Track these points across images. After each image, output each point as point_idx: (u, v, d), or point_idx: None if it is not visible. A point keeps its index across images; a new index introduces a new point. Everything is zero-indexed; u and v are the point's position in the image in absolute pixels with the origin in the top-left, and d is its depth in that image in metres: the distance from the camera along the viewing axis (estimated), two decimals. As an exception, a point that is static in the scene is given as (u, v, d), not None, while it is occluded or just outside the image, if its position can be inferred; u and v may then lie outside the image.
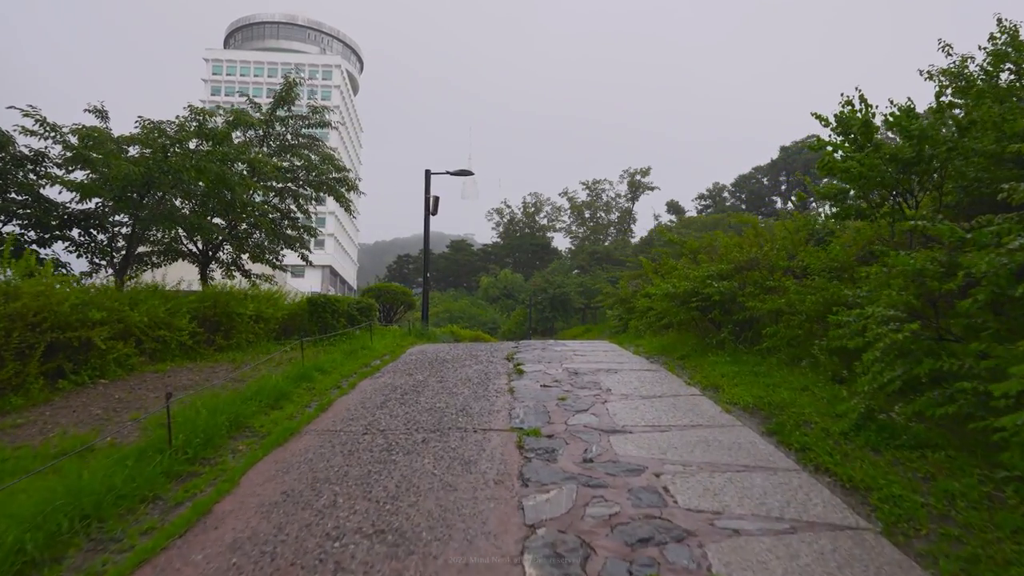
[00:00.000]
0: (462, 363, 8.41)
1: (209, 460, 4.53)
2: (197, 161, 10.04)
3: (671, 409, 5.43)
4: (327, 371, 7.74)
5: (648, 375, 7.06)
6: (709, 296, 7.82)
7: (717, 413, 5.30)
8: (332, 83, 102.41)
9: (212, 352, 10.33)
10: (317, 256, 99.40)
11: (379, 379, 7.30)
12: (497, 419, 5.27)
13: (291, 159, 14.43)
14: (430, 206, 16.27)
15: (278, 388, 6.28)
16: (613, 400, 5.80)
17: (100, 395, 6.80)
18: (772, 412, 5.18)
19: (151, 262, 13.97)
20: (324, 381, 7.14)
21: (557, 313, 52.91)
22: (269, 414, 5.70)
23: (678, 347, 8.88)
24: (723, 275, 8.20)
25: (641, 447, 4.42)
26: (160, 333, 8.80)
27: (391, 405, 5.84)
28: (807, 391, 5.63)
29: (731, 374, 6.54)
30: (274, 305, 12.59)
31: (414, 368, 8.06)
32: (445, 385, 6.76)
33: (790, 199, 76.77)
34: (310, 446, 4.64)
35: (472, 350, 10.27)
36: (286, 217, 15.39)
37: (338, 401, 6.13)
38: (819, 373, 6.03)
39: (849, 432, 4.40)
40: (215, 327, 10.63)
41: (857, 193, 9.08)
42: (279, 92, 13.65)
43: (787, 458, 4.18)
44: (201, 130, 10.50)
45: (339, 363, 8.48)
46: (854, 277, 6.48)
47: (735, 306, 8.01)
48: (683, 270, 8.68)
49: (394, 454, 4.38)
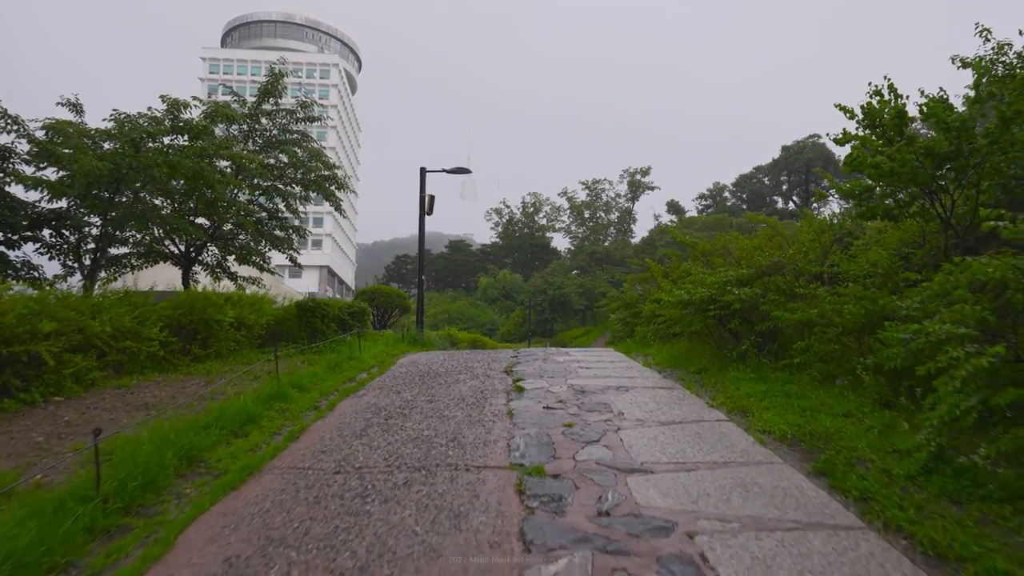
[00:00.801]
0: (456, 378, 7.66)
1: (147, 509, 3.77)
2: (170, 156, 9.29)
3: (696, 440, 4.67)
4: (306, 388, 6.98)
5: (664, 394, 6.31)
6: (729, 304, 7.07)
7: (750, 445, 4.55)
8: (330, 82, 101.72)
9: (187, 363, 9.57)
10: (315, 256, 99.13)
11: (363, 398, 6.53)
12: (494, 452, 4.52)
13: (278, 156, 13.66)
14: (425, 205, 15.51)
15: (245, 411, 5.52)
16: (627, 427, 5.05)
17: (48, 417, 6.04)
18: (815, 445, 4.43)
19: (131, 264, 13.23)
20: (300, 401, 6.38)
21: (557, 314, 52.18)
22: (231, 444, 4.94)
23: (693, 359, 8.13)
24: (743, 280, 7.46)
25: (667, 493, 3.67)
26: (126, 344, 8.04)
27: (372, 433, 5.08)
28: (851, 418, 4.88)
29: (758, 394, 5.79)
30: (257, 311, 11.82)
31: (403, 384, 7.30)
32: (436, 407, 6.00)
33: (792, 199, 76.09)
34: (270, 490, 3.88)
35: (468, 361, 9.52)
36: (274, 217, 14.63)
37: (313, 427, 5.37)
38: (862, 395, 5.28)
39: (917, 476, 3.66)
40: (191, 335, 9.87)
41: (883, 191, 8.36)
42: (263, 84, 12.87)
43: (846, 510, 3.43)
44: (175, 123, 9.71)
45: (321, 378, 7.72)
46: (898, 285, 5.73)
47: (757, 315, 7.27)
48: (698, 275, 7.93)
49: (369, 502, 3.62)
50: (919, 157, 7.43)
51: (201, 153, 10.28)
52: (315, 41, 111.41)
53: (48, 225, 10.91)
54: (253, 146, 13.61)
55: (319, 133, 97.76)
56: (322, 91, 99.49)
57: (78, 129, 10.43)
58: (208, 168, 10.63)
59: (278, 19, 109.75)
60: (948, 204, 7.74)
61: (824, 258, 7.23)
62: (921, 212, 8.29)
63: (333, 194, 13.95)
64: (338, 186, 13.86)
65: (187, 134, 9.92)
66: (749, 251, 7.93)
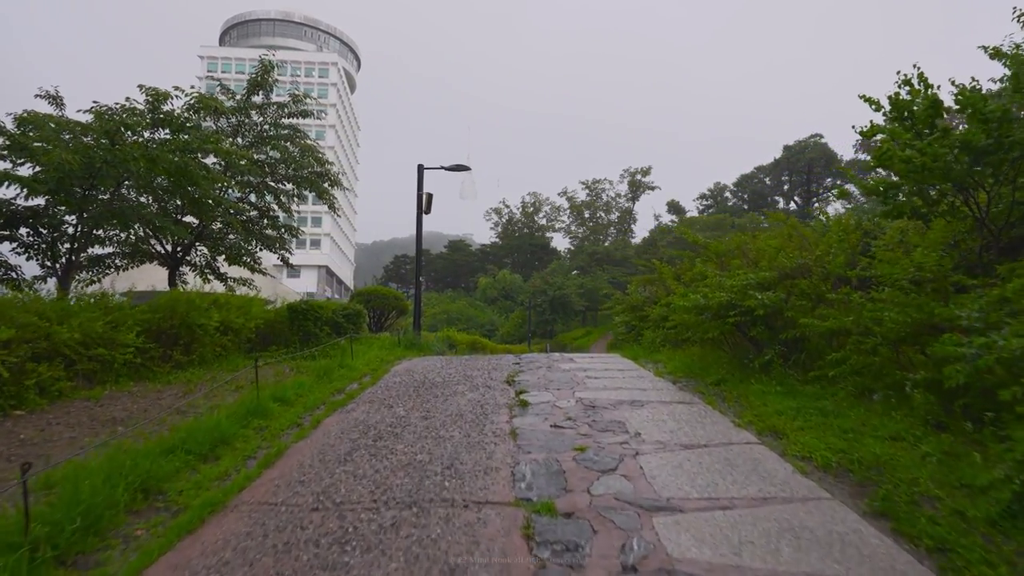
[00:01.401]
0: (454, 389, 7.07)
1: (86, 558, 3.18)
2: (149, 150, 8.69)
3: (727, 468, 4.09)
4: (289, 402, 6.39)
5: (683, 411, 5.72)
6: (751, 310, 6.49)
7: (790, 475, 3.96)
8: (329, 81, 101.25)
9: (168, 370, 8.98)
10: (313, 256, 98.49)
11: (351, 413, 5.94)
12: (496, 482, 3.94)
13: (269, 152, 13.07)
14: (422, 204, 14.92)
15: (218, 430, 4.94)
16: (647, 451, 4.47)
17: (2, 435, 5.45)
18: (866, 476, 3.85)
19: (114, 264, 12.65)
20: (282, 417, 5.79)
21: (557, 315, 51.59)
22: (198, 471, 4.35)
23: (709, 368, 7.55)
24: (764, 284, 6.88)
25: (702, 540, 3.09)
26: (98, 352, 7.45)
27: (358, 457, 4.50)
28: (901, 442, 4.30)
29: (790, 412, 5.21)
30: (246, 314, 11.22)
31: (396, 397, 6.70)
32: (431, 424, 5.41)
33: (793, 199, 75.50)
34: (233, 534, 3.30)
35: (467, 368, 8.93)
36: (265, 216, 14.05)
37: (292, 450, 4.78)
38: (909, 415, 4.70)
39: (1000, 520, 3.08)
40: (172, 341, 9.28)
41: (911, 188, 7.81)
42: (253, 76, 12.28)
43: (920, 564, 2.85)
44: (155, 115, 9.12)
45: (308, 388, 7.13)
46: (947, 291, 5.15)
47: (781, 322, 6.69)
48: (715, 278, 7.34)
49: (348, 552, 3.04)
50: (953, 151, 6.88)
51: (184, 147, 9.70)
52: (314, 40, 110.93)
53: (25, 223, 10.33)
54: (243, 141, 13.03)
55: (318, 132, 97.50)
56: (321, 90, 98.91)
57: (59, 122, 9.85)
58: (192, 164, 10.06)
59: (277, 17, 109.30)
60: (984, 202, 7.19)
61: (854, 260, 6.65)
62: (951, 210, 7.73)
63: (327, 192, 13.37)
64: (331, 183, 13.27)
65: (169, 127, 9.32)
66: (769, 252, 7.34)
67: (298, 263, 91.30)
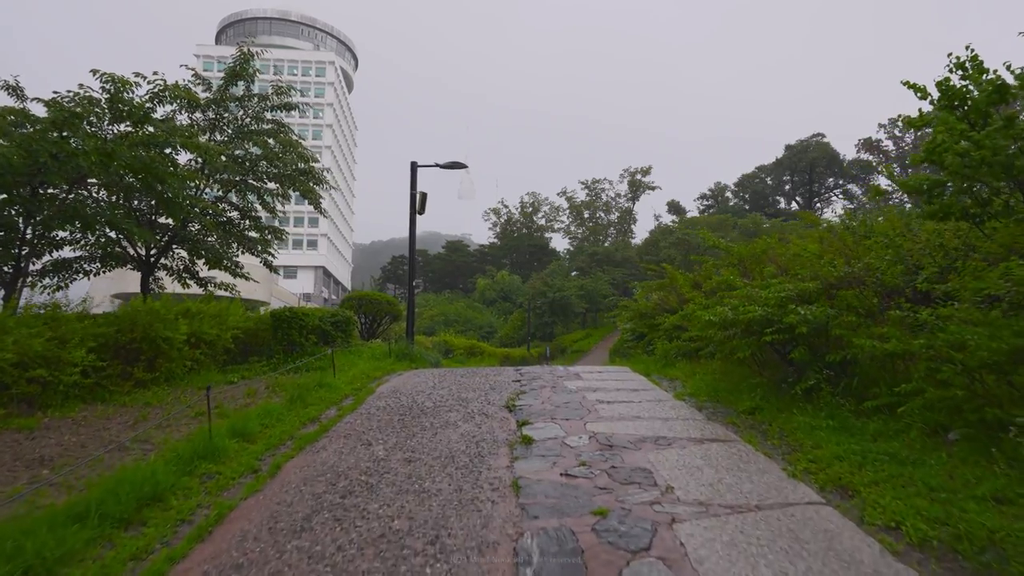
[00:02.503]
0: (445, 418, 6.11)
1: None
2: (103, 144, 7.73)
3: (794, 546, 3.15)
4: (250, 436, 5.43)
5: (720, 452, 4.77)
6: (791, 327, 5.55)
7: (879, 558, 3.02)
8: (326, 80, 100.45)
9: (128, 389, 8.04)
10: (310, 257, 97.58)
11: (320, 453, 4.97)
12: (494, 567, 2.99)
13: (250, 147, 12.10)
14: (416, 203, 13.96)
15: (151, 483, 3.98)
16: (685, 516, 3.52)
17: None
18: (982, 561, 2.91)
19: (82, 269, 11.69)
20: (238, 459, 4.83)
21: (557, 318, 50.62)
22: (114, 545, 3.40)
23: (738, 392, 6.61)
24: (804, 296, 5.95)
25: None
26: (37, 373, 6.49)
27: (318, 525, 3.54)
28: (1013, 505, 3.36)
29: (852, 457, 4.26)
30: (221, 324, 10.26)
31: (377, 428, 5.73)
32: (415, 471, 4.45)
33: (795, 199, 74.59)
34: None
35: (462, 388, 7.98)
36: (247, 216, 13.08)
37: (237, 511, 3.82)
38: (1009, 466, 3.76)
39: None
40: (133, 356, 8.33)
41: (958, 186, 6.89)
42: (230, 65, 11.31)
43: None
44: (113, 105, 8.14)
45: (276, 416, 6.18)
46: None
47: (825, 341, 5.76)
48: (745, 289, 6.40)
49: None
50: (1018, 143, 5.96)
51: (149, 142, 8.74)
52: (311, 38, 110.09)
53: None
54: (221, 136, 12.07)
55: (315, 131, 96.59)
56: (318, 89, 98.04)
57: (19, 114, 8.88)
58: (159, 159, 9.10)
59: (273, 16, 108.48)
60: (1052, 203, 6.29)
61: (914, 269, 5.71)
62: (1005, 211, 6.83)
63: (312, 190, 12.40)
64: (316, 181, 12.30)
65: (130, 119, 8.35)
66: (807, 259, 6.40)
67: (295, 264, 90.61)
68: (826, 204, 75.74)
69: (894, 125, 67.84)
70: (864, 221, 6.87)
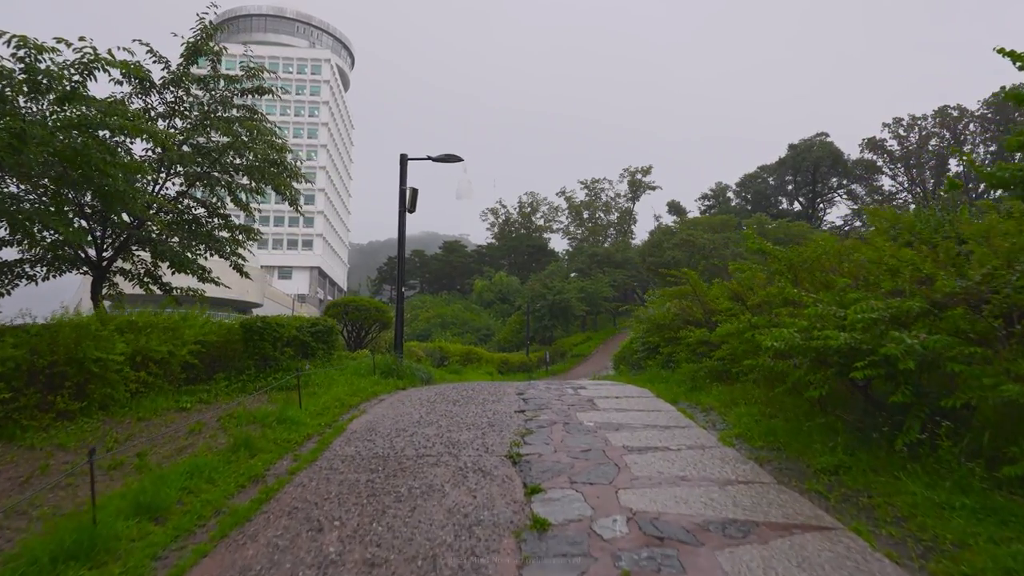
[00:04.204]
0: (429, 479, 4.63)
1: None
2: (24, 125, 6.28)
3: None
4: (162, 511, 3.95)
5: (818, 549, 3.31)
6: (890, 359, 4.12)
7: None
8: (322, 77, 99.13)
9: (47, 423, 6.59)
10: (305, 257, 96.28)
11: (243, 550, 3.49)
12: None
13: (216, 136, 10.64)
14: (406, 200, 12.50)
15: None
16: None
17: None
18: None
19: (25, 274, 10.20)
20: (129, 558, 3.36)
21: (557, 321, 49.14)
22: None
23: (801, 433, 5.16)
24: (899, 319, 4.52)
25: None
26: (-97, 413, 5.02)
27: None
28: None
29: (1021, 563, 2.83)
30: (175, 338, 8.78)
31: (335, 500, 4.24)
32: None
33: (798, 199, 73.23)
34: None
35: (452, 424, 6.51)
36: (214, 214, 11.62)
37: None
38: None
39: None
40: (56, 383, 6.86)
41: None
42: (190, 42, 9.84)
43: None
44: (30, 77, 6.67)
45: (208, 475, 4.69)
46: None
47: (937, 380, 4.33)
48: (817, 308, 4.96)
49: None
50: None
51: (80, 124, 7.27)
52: (307, 36, 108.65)
53: None
54: (183, 123, 10.60)
55: (310, 130, 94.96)
56: (313, 87, 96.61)
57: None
58: (95, 145, 7.63)
59: (268, 13, 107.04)
60: None
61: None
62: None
63: (286, 184, 10.92)
64: (291, 176, 10.83)
65: (51, 93, 6.89)
66: (900, 267, 4.96)
67: (289, 264, 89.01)
68: (829, 205, 74.50)
69: (898, 124, 66.59)
70: (961, 217, 5.46)
